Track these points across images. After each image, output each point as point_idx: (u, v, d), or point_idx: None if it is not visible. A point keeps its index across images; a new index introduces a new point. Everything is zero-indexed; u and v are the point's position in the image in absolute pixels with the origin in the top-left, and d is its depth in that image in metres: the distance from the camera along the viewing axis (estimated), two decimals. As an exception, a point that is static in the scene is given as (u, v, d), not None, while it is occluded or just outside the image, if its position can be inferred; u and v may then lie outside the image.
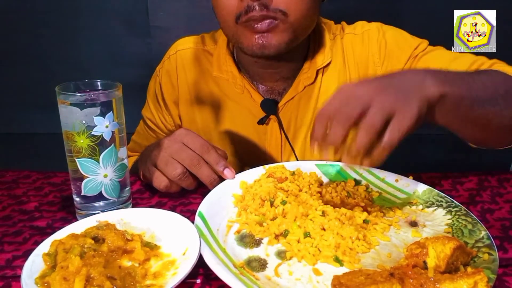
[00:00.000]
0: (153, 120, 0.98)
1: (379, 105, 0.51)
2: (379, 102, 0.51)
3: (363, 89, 0.53)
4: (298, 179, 0.68)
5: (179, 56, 0.92)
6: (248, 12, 0.71)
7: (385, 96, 0.51)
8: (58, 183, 0.76)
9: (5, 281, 0.51)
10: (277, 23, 0.73)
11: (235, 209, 0.64)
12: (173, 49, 0.94)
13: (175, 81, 0.92)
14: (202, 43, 0.92)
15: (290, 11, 0.72)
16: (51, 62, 1.68)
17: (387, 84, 0.54)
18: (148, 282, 0.48)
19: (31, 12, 1.63)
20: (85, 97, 0.58)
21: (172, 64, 0.93)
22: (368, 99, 0.51)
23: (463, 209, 0.61)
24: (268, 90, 0.88)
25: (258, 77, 0.87)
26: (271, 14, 0.71)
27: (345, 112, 0.51)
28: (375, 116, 0.50)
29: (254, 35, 0.73)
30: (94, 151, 0.59)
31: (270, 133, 0.88)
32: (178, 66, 0.92)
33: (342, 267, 0.52)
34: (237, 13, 0.72)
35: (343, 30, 0.90)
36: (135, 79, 1.12)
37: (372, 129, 0.50)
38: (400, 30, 0.88)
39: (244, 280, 0.47)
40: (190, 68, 0.91)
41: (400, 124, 0.50)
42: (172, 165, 0.67)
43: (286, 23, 0.73)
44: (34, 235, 0.60)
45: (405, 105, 0.51)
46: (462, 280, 0.42)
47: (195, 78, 0.91)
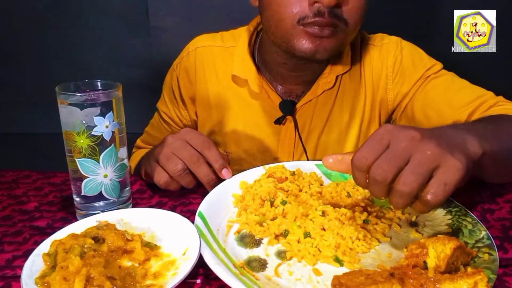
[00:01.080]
0: (168, 114, 0.99)
1: (423, 155, 0.46)
2: (423, 151, 0.46)
3: (404, 135, 0.48)
4: (298, 179, 0.68)
5: (198, 53, 0.93)
6: (316, 16, 0.72)
7: (429, 145, 0.46)
8: (58, 183, 0.76)
9: (5, 281, 0.51)
10: (337, 31, 0.74)
11: (235, 209, 0.64)
12: (192, 45, 0.94)
13: (193, 77, 0.93)
14: (222, 41, 0.93)
15: (351, 21, 0.75)
16: (51, 62, 1.68)
17: (430, 134, 0.48)
18: (148, 282, 0.48)
19: (31, 12, 1.63)
20: (85, 97, 0.58)
21: (191, 60, 0.93)
22: (411, 147, 0.46)
23: (463, 209, 0.61)
24: (286, 92, 0.89)
25: (280, 79, 0.89)
26: (336, 22, 0.73)
27: (383, 169, 0.46)
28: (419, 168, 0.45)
29: (315, 39, 0.74)
30: (94, 151, 0.59)
31: (284, 133, 0.90)
32: (197, 63, 0.92)
33: (342, 267, 0.52)
34: (302, 15, 0.73)
35: (363, 40, 0.91)
36: (135, 79, 1.12)
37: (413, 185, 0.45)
38: (418, 49, 0.90)
39: (244, 280, 0.47)
40: (209, 65, 0.92)
41: (446, 177, 0.46)
42: (173, 161, 0.67)
43: (344, 32, 0.76)
44: (34, 235, 0.60)
45: (452, 157, 0.46)
46: (462, 280, 0.42)
47: (213, 75, 0.91)
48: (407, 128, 0.49)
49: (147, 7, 1.61)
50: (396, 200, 0.47)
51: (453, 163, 0.46)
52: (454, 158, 0.46)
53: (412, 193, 0.46)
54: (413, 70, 0.86)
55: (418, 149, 0.46)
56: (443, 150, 0.46)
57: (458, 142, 0.51)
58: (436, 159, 0.46)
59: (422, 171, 0.46)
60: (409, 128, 0.49)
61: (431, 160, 0.46)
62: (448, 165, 0.46)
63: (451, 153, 0.46)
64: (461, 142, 0.52)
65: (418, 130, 0.48)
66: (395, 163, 0.46)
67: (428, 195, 0.46)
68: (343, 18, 0.74)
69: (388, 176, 0.46)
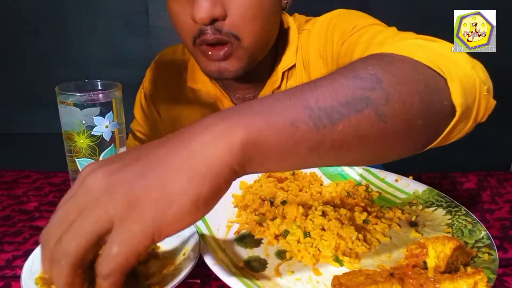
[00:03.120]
0: (142, 131, 0.99)
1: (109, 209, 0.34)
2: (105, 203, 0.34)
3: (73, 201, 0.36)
4: (298, 179, 0.68)
5: (161, 67, 0.94)
6: (201, 35, 0.68)
7: (110, 203, 0.34)
8: (58, 183, 0.76)
9: (5, 281, 0.51)
10: (232, 51, 0.69)
11: (235, 209, 0.64)
12: (155, 61, 0.96)
13: (156, 93, 0.94)
14: (182, 53, 0.93)
15: (243, 35, 0.68)
16: (51, 62, 1.68)
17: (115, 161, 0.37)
18: (148, 282, 0.48)
19: (31, 12, 1.63)
20: (85, 97, 0.58)
21: (155, 75, 0.94)
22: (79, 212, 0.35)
23: (463, 209, 0.61)
24: (240, 98, 0.87)
25: (230, 86, 0.87)
26: (224, 38, 0.68)
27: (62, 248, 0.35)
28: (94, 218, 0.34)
29: (211, 62, 0.71)
30: (94, 151, 0.59)
31: None
32: (159, 78, 0.93)
33: (342, 267, 0.52)
34: (193, 35, 0.70)
35: (302, 26, 0.83)
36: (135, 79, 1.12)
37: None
38: (349, 12, 0.78)
39: (244, 280, 0.47)
40: (172, 79, 0.92)
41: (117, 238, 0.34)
42: None
43: (240, 48, 0.70)
44: (34, 235, 0.60)
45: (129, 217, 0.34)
46: (462, 280, 0.42)
47: (176, 88, 0.91)
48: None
49: (147, 7, 1.62)
50: None
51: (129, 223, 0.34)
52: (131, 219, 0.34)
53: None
54: (338, 31, 0.74)
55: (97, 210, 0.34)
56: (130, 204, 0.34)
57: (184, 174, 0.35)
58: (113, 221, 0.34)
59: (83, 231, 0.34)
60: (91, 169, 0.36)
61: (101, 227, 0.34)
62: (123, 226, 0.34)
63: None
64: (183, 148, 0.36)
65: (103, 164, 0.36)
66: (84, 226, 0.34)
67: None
68: (232, 33, 0.68)
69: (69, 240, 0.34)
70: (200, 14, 0.65)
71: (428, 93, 0.42)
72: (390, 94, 0.39)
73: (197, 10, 0.65)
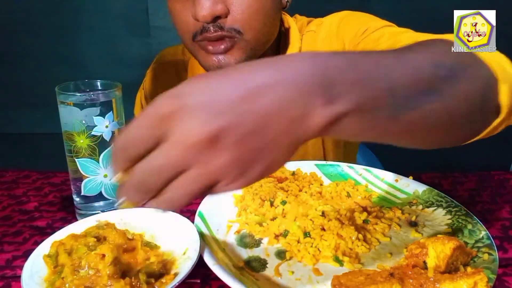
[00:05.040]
0: None
1: (203, 171, 0.33)
2: (204, 166, 0.33)
3: (184, 133, 0.33)
4: (298, 179, 0.68)
5: (162, 67, 0.94)
6: (203, 32, 0.68)
7: (218, 157, 0.33)
8: (58, 183, 0.76)
9: (5, 281, 0.51)
10: (233, 44, 0.69)
11: (235, 209, 0.64)
12: (155, 61, 0.96)
13: (155, 93, 0.93)
14: (182, 53, 0.93)
15: (245, 29, 0.69)
16: (51, 62, 1.68)
17: (231, 120, 0.32)
18: (148, 281, 0.48)
19: (31, 12, 1.63)
20: (85, 97, 0.58)
21: (155, 75, 0.94)
22: (189, 158, 0.33)
23: (463, 209, 0.61)
24: None
25: None
26: (226, 34, 0.68)
27: (146, 181, 0.35)
28: (190, 186, 0.34)
29: (212, 55, 0.71)
30: (94, 151, 0.59)
31: None
32: (159, 78, 0.93)
33: (342, 267, 0.52)
34: (193, 32, 0.70)
35: (306, 28, 0.84)
36: (135, 79, 1.12)
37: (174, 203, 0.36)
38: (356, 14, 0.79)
39: (244, 280, 0.47)
40: (172, 78, 0.92)
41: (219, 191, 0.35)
42: None
43: (242, 41, 0.70)
44: (34, 235, 0.60)
45: (244, 173, 0.34)
46: (462, 280, 0.42)
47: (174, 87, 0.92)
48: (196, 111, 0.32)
49: (147, 7, 1.62)
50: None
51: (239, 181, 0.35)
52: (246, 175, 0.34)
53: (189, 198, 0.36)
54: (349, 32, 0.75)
55: (202, 159, 0.33)
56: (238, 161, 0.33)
57: (286, 125, 0.33)
58: (219, 177, 0.34)
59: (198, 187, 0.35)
60: (200, 109, 0.32)
61: (210, 180, 0.35)
62: (230, 182, 0.35)
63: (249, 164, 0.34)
64: (288, 118, 0.33)
65: (217, 116, 0.32)
66: (162, 177, 0.35)
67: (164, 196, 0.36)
68: (234, 28, 0.68)
69: (151, 190, 0.36)
70: (203, 12, 0.65)
71: (486, 90, 0.45)
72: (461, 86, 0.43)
73: (199, 8, 0.65)
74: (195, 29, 0.70)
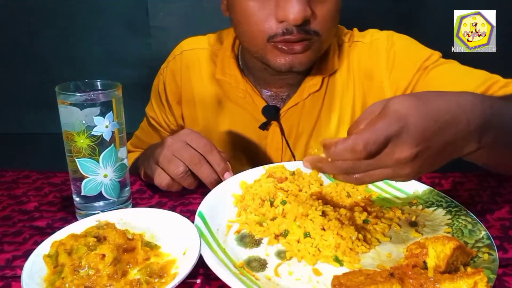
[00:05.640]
0: (156, 119, 0.98)
1: (395, 174, 0.46)
2: (398, 171, 0.46)
3: (405, 149, 0.45)
4: (298, 179, 0.68)
5: (185, 56, 0.92)
6: (285, 34, 0.70)
7: (409, 167, 0.46)
8: (58, 183, 0.76)
9: (5, 281, 0.51)
10: (310, 45, 0.73)
11: (235, 209, 0.64)
12: (178, 49, 0.94)
13: (179, 81, 0.92)
14: (208, 44, 0.92)
15: (323, 31, 0.73)
16: (51, 62, 1.67)
17: (428, 146, 0.46)
18: (148, 281, 0.48)
19: (31, 12, 1.63)
20: (85, 97, 0.58)
21: (177, 64, 0.93)
22: (392, 164, 0.45)
23: (463, 209, 0.61)
24: (272, 95, 0.88)
25: (263, 83, 0.87)
26: (307, 37, 0.71)
27: (365, 176, 0.47)
28: (380, 178, 0.47)
29: (287, 55, 0.73)
30: (94, 151, 0.59)
31: (271, 138, 0.88)
32: (182, 67, 0.92)
33: (342, 267, 0.52)
34: (270, 33, 0.71)
35: (351, 38, 0.88)
36: (135, 79, 1.13)
37: (372, 179, 0.47)
38: (411, 40, 0.86)
39: (244, 280, 0.47)
40: (195, 69, 0.91)
41: (399, 179, 0.48)
42: (174, 163, 0.67)
43: (317, 42, 0.74)
44: (34, 235, 0.60)
45: (420, 171, 0.47)
46: (462, 280, 0.42)
47: (199, 79, 0.91)
48: (413, 133, 0.45)
49: (147, 7, 1.61)
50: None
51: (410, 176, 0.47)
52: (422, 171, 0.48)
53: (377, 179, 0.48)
54: (410, 62, 0.82)
55: (402, 165, 0.46)
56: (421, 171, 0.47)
57: (455, 146, 0.48)
58: (409, 174, 0.47)
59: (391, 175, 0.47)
60: (412, 136, 0.45)
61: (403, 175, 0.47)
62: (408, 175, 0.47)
63: (428, 167, 0.48)
64: (457, 145, 0.48)
65: (421, 143, 0.45)
66: (377, 177, 0.47)
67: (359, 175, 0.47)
68: (314, 30, 0.72)
69: (364, 181, 0.48)
70: (295, 15, 0.67)
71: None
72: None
73: (291, 11, 0.67)
74: (273, 31, 0.71)
